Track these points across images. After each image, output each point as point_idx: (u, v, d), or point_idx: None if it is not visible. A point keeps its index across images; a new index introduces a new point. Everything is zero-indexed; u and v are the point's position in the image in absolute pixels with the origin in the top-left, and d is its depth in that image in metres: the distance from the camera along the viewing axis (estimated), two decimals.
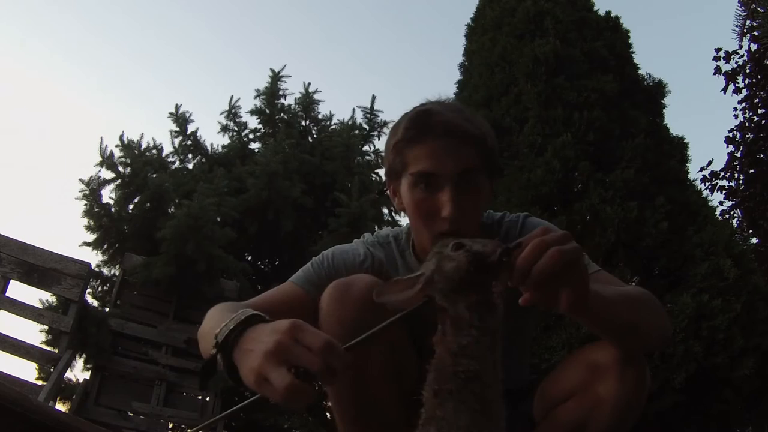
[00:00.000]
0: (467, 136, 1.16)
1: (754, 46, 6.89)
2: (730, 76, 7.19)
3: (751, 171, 7.08)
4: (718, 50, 7.23)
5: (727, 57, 7.19)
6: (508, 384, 1.31)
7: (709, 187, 7.13)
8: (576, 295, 0.81)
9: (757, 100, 7.14)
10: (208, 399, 4.28)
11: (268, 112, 6.10)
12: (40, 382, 3.68)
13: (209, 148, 5.99)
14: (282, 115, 6.20)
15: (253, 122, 6.21)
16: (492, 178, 1.23)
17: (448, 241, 0.77)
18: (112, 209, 4.84)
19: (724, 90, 7.22)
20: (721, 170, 7.19)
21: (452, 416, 0.67)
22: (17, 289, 3.71)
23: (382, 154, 6.51)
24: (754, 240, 6.97)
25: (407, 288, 0.79)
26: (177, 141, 5.86)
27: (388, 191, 1.32)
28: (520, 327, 1.32)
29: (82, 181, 4.71)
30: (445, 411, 0.68)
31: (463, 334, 0.71)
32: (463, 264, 0.72)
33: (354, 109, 6.24)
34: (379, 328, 0.79)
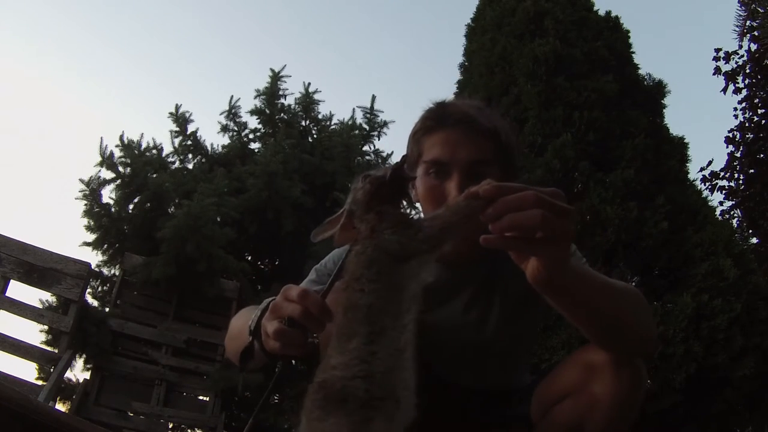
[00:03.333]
0: (479, 127, 1.19)
1: (754, 46, 6.90)
2: (730, 77, 7.19)
3: (751, 171, 7.09)
4: (717, 50, 7.24)
5: (727, 57, 7.19)
6: (508, 385, 1.32)
7: (709, 187, 7.13)
8: (544, 270, 0.78)
9: (757, 100, 7.14)
10: (207, 399, 4.29)
11: (268, 112, 6.10)
12: (40, 382, 3.69)
13: (209, 148, 5.99)
14: (282, 115, 6.20)
15: (253, 122, 6.22)
16: (507, 173, 1.22)
17: (358, 178, 0.90)
18: (112, 209, 4.84)
19: (724, 90, 7.22)
20: (721, 170, 7.20)
21: (341, 323, 0.77)
22: (17, 289, 3.72)
23: (383, 154, 6.55)
24: (754, 240, 6.98)
25: (335, 224, 0.92)
26: (177, 141, 5.86)
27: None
28: (519, 333, 1.32)
29: (82, 181, 4.72)
30: (338, 315, 0.79)
31: (365, 244, 0.81)
32: (367, 187, 0.86)
33: (354, 109, 6.26)
34: (339, 269, 0.89)
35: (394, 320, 0.76)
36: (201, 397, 4.35)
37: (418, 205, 1.25)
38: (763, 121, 7.15)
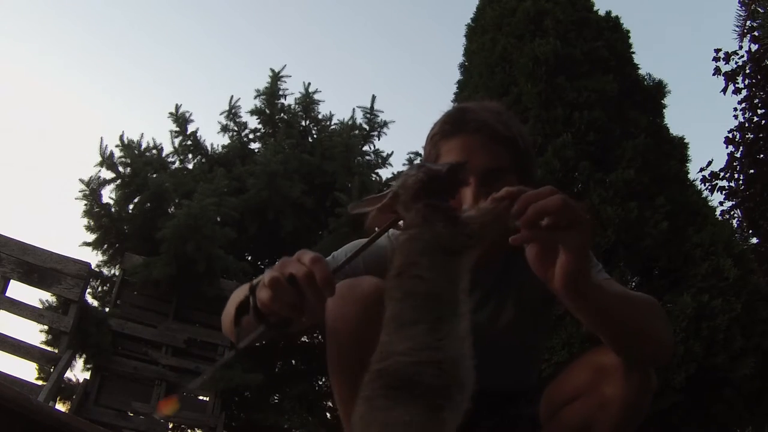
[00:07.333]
0: (497, 135, 1.20)
1: (754, 47, 6.90)
2: (730, 77, 7.19)
3: (751, 171, 7.09)
4: (717, 51, 7.24)
5: (727, 58, 7.19)
6: (517, 387, 1.33)
7: (709, 187, 7.14)
8: (573, 261, 0.82)
9: (756, 101, 7.14)
10: (207, 399, 4.28)
11: (268, 112, 6.10)
12: (40, 382, 3.68)
13: (209, 148, 5.99)
14: (282, 115, 6.20)
15: (253, 122, 6.22)
16: (524, 180, 1.21)
17: (413, 166, 0.90)
18: (112, 209, 4.84)
19: (724, 90, 7.23)
20: (721, 170, 7.20)
21: (399, 310, 0.77)
22: (17, 289, 3.72)
23: (383, 154, 6.56)
24: (754, 240, 6.99)
25: (376, 203, 0.92)
26: (177, 141, 5.86)
27: None
28: (529, 336, 1.35)
29: (82, 181, 4.72)
30: (394, 301, 0.78)
31: (421, 231, 0.81)
32: (420, 176, 0.86)
33: (354, 109, 6.24)
34: (363, 246, 0.92)
35: (452, 310, 0.77)
36: (201, 397, 4.35)
37: None
38: (763, 122, 7.15)
